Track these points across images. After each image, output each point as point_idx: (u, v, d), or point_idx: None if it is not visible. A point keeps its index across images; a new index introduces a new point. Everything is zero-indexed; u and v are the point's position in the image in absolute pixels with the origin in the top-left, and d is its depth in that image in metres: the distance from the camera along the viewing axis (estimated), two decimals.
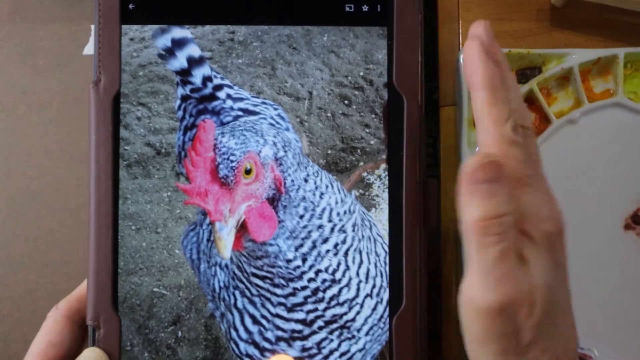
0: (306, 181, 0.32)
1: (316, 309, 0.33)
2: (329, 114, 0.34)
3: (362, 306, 0.33)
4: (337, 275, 0.33)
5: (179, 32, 0.33)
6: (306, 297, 0.33)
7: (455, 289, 0.44)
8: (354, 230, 0.33)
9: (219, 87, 0.34)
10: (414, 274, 0.32)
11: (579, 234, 0.42)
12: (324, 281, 0.32)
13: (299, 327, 0.33)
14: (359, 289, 0.33)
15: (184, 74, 0.34)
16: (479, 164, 0.27)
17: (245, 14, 0.33)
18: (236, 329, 0.33)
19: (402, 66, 0.33)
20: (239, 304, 0.33)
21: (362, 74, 0.34)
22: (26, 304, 0.48)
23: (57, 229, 0.48)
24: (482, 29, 0.30)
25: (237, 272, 0.33)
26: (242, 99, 0.34)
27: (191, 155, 0.31)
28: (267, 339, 0.33)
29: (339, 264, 0.33)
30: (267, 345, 0.33)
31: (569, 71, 0.43)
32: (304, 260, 0.32)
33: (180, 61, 0.33)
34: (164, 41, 0.33)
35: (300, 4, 0.33)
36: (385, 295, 0.33)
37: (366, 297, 0.33)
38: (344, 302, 0.33)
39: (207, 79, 0.34)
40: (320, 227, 0.32)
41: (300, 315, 0.33)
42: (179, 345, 0.33)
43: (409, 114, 0.33)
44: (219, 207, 0.31)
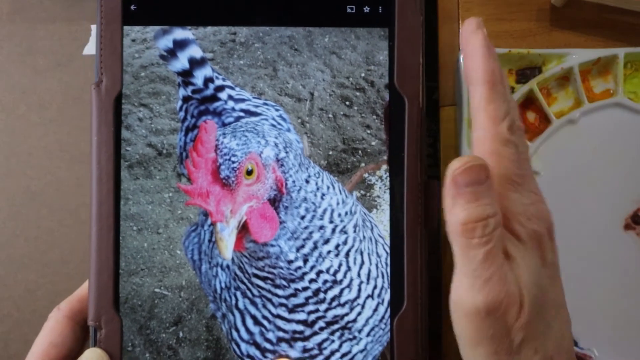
0: (307, 182, 0.32)
1: (317, 310, 0.33)
2: (330, 115, 0.34)
3: (363, 307, 0.33)
4: (339, 276, 0.33)
5: (180, 33, 0.33)
6: (307, 298, 0.33)
7: None
8: (355, 231, 0.33)
9: (220, 88, 0.34)
10: (415, 275, 0.32)
11: (579, 234, 0.42)
12: (325, 282, 0.32)
13: (300, 327, 0.33)
14: (360, 290, 0.33)
15: (186, 75, 0.34)
16: (464, 168, 0.27)
17: (246, 15, 0.33)
18: (237, 330, 0.33)
19: (403, 67, 0.33)
20: (240, 305, 0.33)
21: (363, 75, 0.34)
22: (26, 304, 0.48)
23: (57, 229, 0.48)
24: (477, 25, 0.30)
25: (238, 272, 0.33)
26: (243, 100, 0.34)
27: (192, 156, 0.31)
28: (268, 340, 0.33)
29: (340, 265, 0.33)
30: (268, 346, 0.33)
31: (569, 71, 0.43)
32: (305, 261, 0.32)
33: (181, 62, 0.33)
34: (166, 42, 0.33)
35: (301, 5, 0.33)
36: (386, 296, 0.33)
37: (367, 298, 0.33)
38: (345, 303, 0.33)
39: (208, 80, 0.34)
40: (321, 228, 0.32)
41: (301, 316, 0.33)
42: (180, 345, 0.33)
43: (410, 115, 0.32)
44: (221, 207, 0.31)
